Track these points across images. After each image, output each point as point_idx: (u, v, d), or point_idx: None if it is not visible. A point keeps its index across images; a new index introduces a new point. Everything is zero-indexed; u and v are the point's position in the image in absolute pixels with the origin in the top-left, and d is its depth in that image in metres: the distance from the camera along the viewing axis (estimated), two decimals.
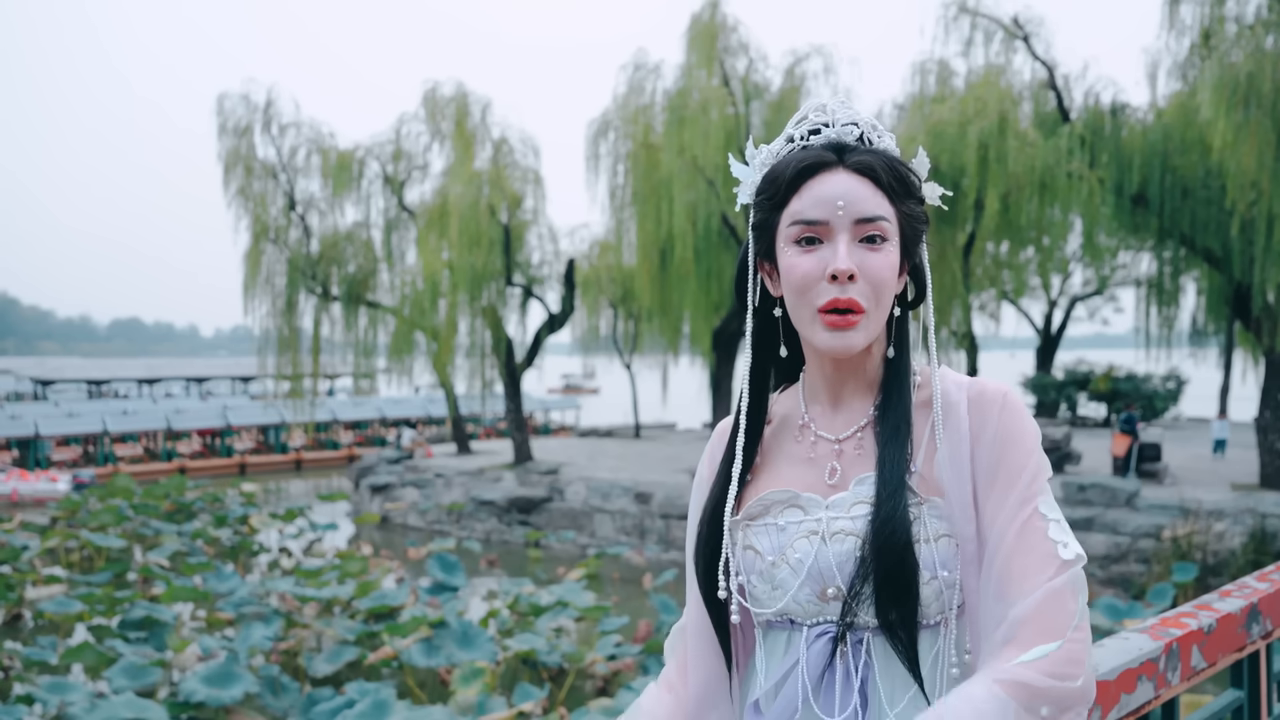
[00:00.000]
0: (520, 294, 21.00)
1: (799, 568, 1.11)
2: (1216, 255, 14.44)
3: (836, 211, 1.08)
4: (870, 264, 1.08)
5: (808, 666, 1.10)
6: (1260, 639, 1.72)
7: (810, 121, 1.14)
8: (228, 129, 20.29)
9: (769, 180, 1.14)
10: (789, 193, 1.12)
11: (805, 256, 1.10)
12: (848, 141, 1.12)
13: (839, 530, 1.10)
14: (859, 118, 1.14)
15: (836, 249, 1.08)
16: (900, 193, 1.11)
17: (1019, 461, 1.08)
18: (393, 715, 6.93)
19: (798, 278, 1.10)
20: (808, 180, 1.11)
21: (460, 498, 18.70)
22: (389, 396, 34.70)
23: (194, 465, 29.74)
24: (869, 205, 1.09)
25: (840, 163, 1.11)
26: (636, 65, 18.49)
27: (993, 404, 1.11)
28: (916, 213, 1.14)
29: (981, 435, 1.10)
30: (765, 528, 1.15)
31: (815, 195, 1.09)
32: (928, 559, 1.06)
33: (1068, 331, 28.37)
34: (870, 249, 1.09)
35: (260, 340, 20.85)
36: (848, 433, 1.17)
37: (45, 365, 51.81)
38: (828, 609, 1.11)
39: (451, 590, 11.96)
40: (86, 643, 9.31)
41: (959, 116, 14.86)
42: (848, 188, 1.09)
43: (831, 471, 1.15)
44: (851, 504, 1.11)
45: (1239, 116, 12.31)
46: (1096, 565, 12.47)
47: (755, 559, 1.15)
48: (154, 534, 17.32)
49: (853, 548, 1.09)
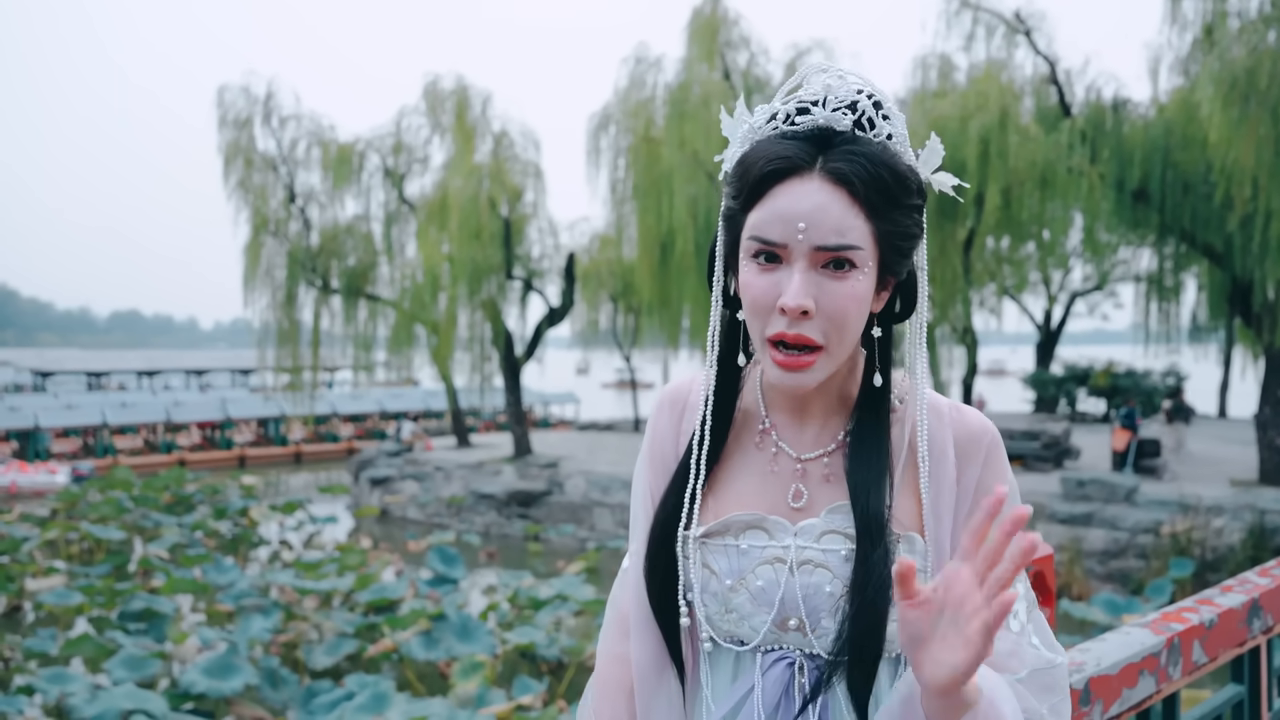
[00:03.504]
0: (520, 287, 20.99)
1: (760, 596, 1.04)
2: (1217, 251, 14.44)
3: (796, 236, 0.95)
4: (830, 296, 0.96)
5: (764, 695, 1.04)
6: (1261, 634, 1.72)
7: (799, 97, 1.00)
8: (228, 121, 20.26)
9: (738, 172, 1.01)
10: (753, 197, 0.99)
11: (761, 276, 0.98)
12: (836, 129, 0.97)
13: (808, 560, 1.03)
14: (857, 98, 0.98)
15: (791, 278, 0.96)
16: (881, 207, 0.96)
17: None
18: (392, 708, 6.93)
19: (750, 299, 1.00)
20: (774, 186, 0.97)
21: (460, 491, 18.71)
22: (391, 389, 34.73)
23: (193, 458, 29.75)
24: (834, 231, 0.95)
25: (814, 166, 0.96)
26: (637, 59, 18.47)
27: (978, 447, 1.05)
28: (904, 225, 0.99)
29: (962, 478, 1.04)
30: (725, 548, 1.06)
31: (777, 210, 0.96)
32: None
33: (1068, 327, 28.39)
34: (834, 277, 0.96)
35: (260, 333, 20.83)
36: (813, 454, 1.08)
37: (44, 357, 51.80)
38: (786, 638, 1.05)
39: (451, 583, 11.97)
40: (86, 634, 9.33)
41: (960, 111, 14.83)
42: (815, 205, 0.95)
43: (796, 494, 1.07)
44: (821, 533, 1.03)
45: (1237, 112, 12.29)
46: (1095, 561, 12.49)
47: (710, 579, 1.07)
48: (154, 526, 17.33)
49: (823, 581, 1.02)
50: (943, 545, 1.03)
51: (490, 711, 7.22)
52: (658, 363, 24.26)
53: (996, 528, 0.84)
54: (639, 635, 1.13)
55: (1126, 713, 1.43)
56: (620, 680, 1.16)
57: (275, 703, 8.26)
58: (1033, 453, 15.55)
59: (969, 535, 0.86)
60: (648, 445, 1.19)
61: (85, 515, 17.89)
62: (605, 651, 1.19)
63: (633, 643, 1.14)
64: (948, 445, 1.05)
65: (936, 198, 11.89)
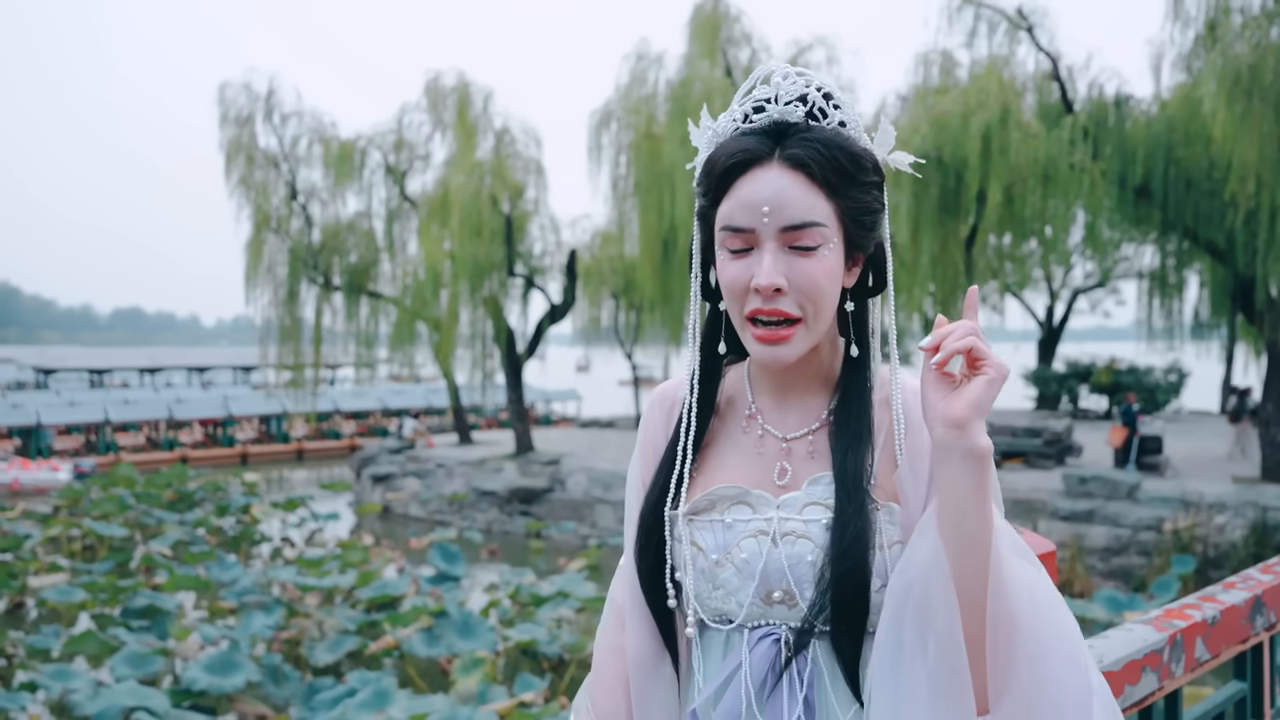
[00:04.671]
0: (522, 284, 20.98)
1: (745, 568, 1.06)
2: (1219, 248, 14.41)
3: (762, 219, 1.02)
4: (800, 273, 1.03)
5: (750, 671, 1.05)
6: (1264, 631, 1.72)
7: (754, 98, 1.07)
8: (229, 118, 20.26)
9: (705, 171, 1.09)
10: (719, 191, 1.06)
11: (735, 263, 1.05)
12: (790, 121, 1.05)
13: (790, 532, 1.06)
14: (806, 90, 1.05)
15: (762, 260, 1.03)
16: (839, 185, 1.03)
17: None
18: (393, 704, 6.94)
19: (726, 284, 1.06)
20: (737, 179, 1.05)
21: (461, 488, 18.73)
22: (392, 386, 34.75)
23: (196, 455, 29.77)
24: (797, 210, 1.02)
25: (773, 156, 1.04)
26: (639, 55, 18.45)
27: None
28: (864, 201, 1.06)
29: None
30: (710, 524, 1.10)
31: (742, 199, 1.04)
32: (880, 566, 1.02)
33: (1070, 324, 28.36)
34: (802, 255, 1.03)
35: (262, 330, 20.85)
36: (798, 433, 1.12)
37: (47, 354, 51.89)
38: (771, 612, 1.07)
39: (452, 580, 11.98)
40: (89, 631, 9.34)
41: (962, 108, 14.80)
42: (776, 189, 1.02)
43: (781, 471, 1.11)
44: (804, 504, 1.07)
45: (1240, 108, 12.27)
46: (1097, 558, 12.48)
47: (698, 555, 1.10)
48: (156, 523, 17.36)
49: (805, 551, 1.04)
50: (916, 511, 1.04)
51: (492, 708, 7.23)
52: (659, 359, 24.22)
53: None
54: (633, 623, 1.16)
55: (1129, 709, 1.42)
56: (618, 673, 1.18)
57: (277, 699, 8.27)
58: (1035, 450, 15.54)
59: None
60: (640, 442, 1.24)
61: (87, 512, 17.92)
62: (602, 645, 1.22)
63: (628, 631, 1.16)
64: (922, 420, 1.05)
65: (938, 196, 11.77)
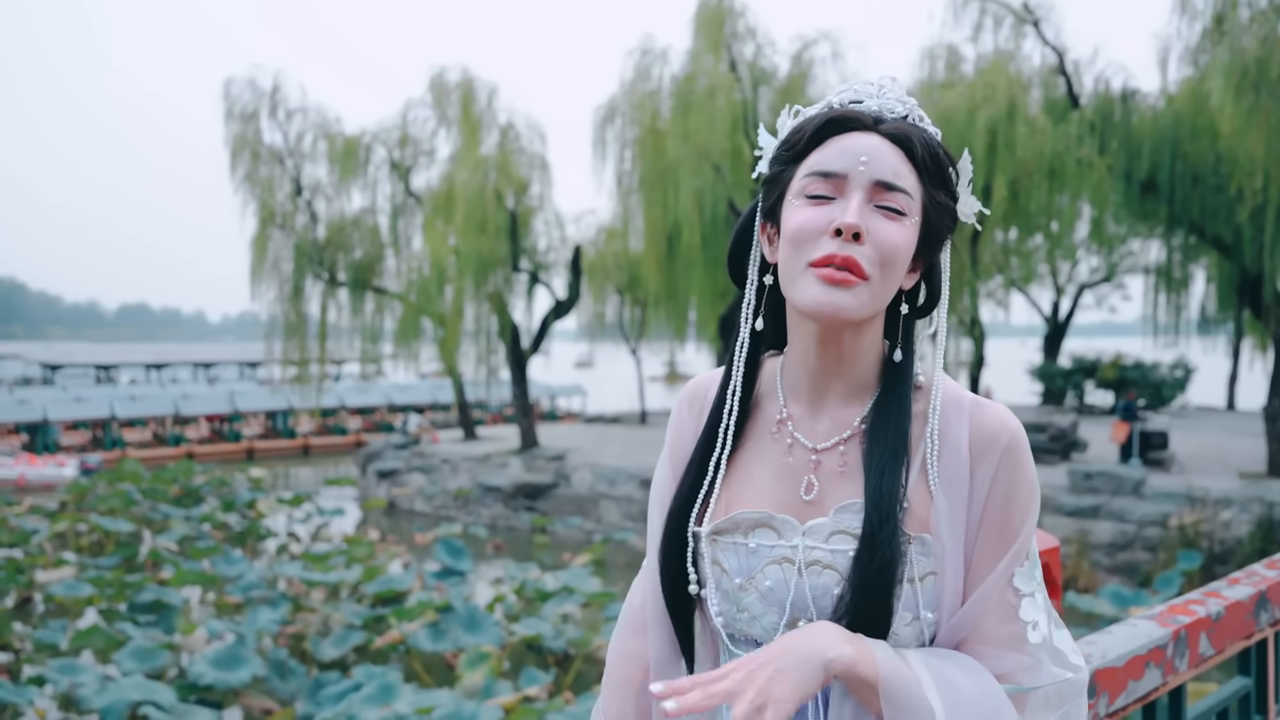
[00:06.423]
0: (526, 280, 20.99)
1: (769, 596, 1.03)
2: (1226, 243, 14.36)
3: (858, 166, 0.98)
4: (882, 230, 0.97)
5: None
6: (1269, 627, 1.71)
7: (855, 92, 1.04)
8: (234, 114, 20.28)
9: (792, 133, 1.04)
10: (811, 145, 1.02)
11: (812, 209, 0.99)
12: (889, 113, 1.02)
13: (815, 561, 1.01)
14: (908, 102, 1.04)
15: (848, 204, 0.97)
16: (933, 174, 1.01)
17: (1017, 519, 1.00)
18: (399, 699, 6.97)
19: (795, 227, 0.99)
20: (834, 135, 1.01)
21: (467, 483, 18.75)
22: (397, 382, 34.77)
23: (202, 450, 29.83)
24: (895, 172, 0.98)
25: (873, 127, 1.00)
26: (643, 51, 18.42)
27: (994, 445, 1.01)
28: (946, 205, 1.03)
29: (975, 476, 1.01)
30: (734, 546, 1.06)
31: (839, 147, 0.99)
32: (910, 600, 0.99)
33: (1075, 319, 28.29)
34: (886, 217, 0.98)
35: (267, 326, 20.90)
36: (828, 443, 1.06)
37: (53, 350, 52.01)
38: None
39: (458, 575, 12.00)
40: (96, 626, 9.39)
41: (968, 102, 14.77)
42: (876, 148, 0.99)
43: (808, 486, 1.05)
44: (830, 533, 1.01)
45: (1248, 102, 12.22)
46: (1102, 553, 12.46)
47: (722, 577, 1.07)
48: (162, 518, 17.41)
49: (830, 583, 1.00)
50: (956, 544, 1.00)
51: (497, 703, 7.24)
52: (664, 355, 24.22)
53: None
54: (654, 629, 1.14)
55: (1133, 705, 1.42)
56: (628, 677, 1.17)
57: (283, 694, 8.30)
58: (1040, 445, 15.51)
59: None
60: (669, 443, 1.19)
61: (94, 507, 17.97)
62: (615, 649, 1.21)
63: (650, 638, 1.14)
64: (962, 442, 1.01)
65: None
